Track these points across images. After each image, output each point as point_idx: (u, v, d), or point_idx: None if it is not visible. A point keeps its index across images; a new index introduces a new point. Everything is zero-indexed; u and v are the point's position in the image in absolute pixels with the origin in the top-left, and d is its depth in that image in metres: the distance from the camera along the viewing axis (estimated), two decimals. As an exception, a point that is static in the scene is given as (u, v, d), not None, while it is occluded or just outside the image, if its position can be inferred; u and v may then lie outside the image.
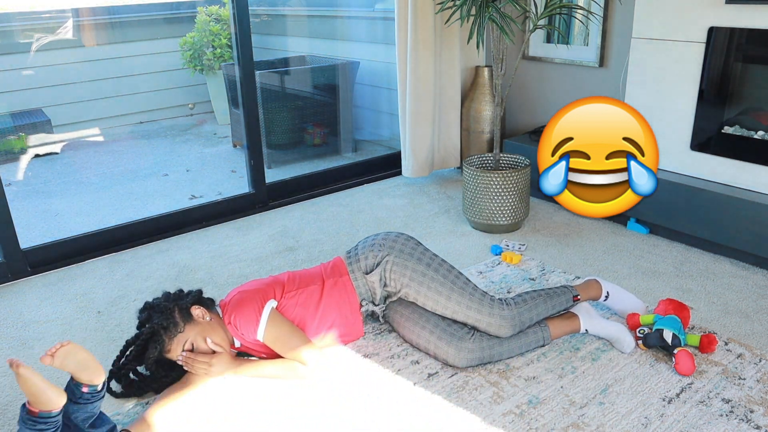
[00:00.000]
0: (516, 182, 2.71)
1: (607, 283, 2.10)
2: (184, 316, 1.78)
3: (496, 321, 1.84)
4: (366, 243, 1.99)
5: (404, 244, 1.94)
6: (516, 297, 1.94)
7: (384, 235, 1.99)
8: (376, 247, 1.94)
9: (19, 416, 1.41)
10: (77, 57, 4.77)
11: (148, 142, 4.72)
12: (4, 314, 2.29)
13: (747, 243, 2.38)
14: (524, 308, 1.89)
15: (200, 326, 1.78)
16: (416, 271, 1.88)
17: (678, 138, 2.61)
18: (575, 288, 2.04)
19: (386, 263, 1.90)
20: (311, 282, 1.91)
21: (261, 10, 4.82)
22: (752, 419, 1.62)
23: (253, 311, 1.79)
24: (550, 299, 1.95)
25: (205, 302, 1.87)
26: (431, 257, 1.93)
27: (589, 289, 2.07)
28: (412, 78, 3.20)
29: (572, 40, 3.15)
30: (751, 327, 2.04)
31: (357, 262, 1.94)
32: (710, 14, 2.39)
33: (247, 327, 1.78)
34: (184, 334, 1.76)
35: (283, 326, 1.80)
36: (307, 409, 1.71)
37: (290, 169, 3.97)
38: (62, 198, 3.58)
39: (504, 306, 1.87)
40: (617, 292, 2.09)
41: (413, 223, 2.95)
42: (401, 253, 1.91)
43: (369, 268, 1.92)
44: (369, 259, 1.92)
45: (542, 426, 1.62)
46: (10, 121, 4.34)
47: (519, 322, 1.86)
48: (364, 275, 1.92)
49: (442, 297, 1.86)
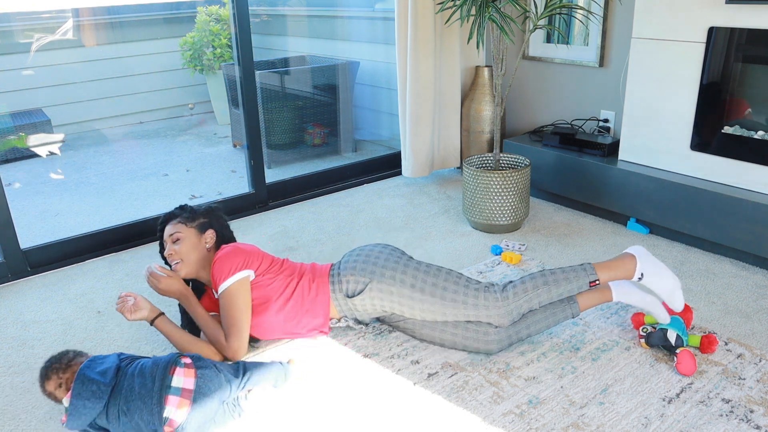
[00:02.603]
0: (516, 182, 2.72)
1: (645, 260, 1.87)
2: (202, 225, 1.98)
3: (494, 319, 1.85)
4: (348, 263, 1.97)
5: (384, 266, 1.91)
6: (517, 284, 1.87)
7: (365, 256, 1.96)
8: (357, 272, 1.93)
9: None
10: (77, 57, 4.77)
11: (148, 142, 4.72)
12: (4, 314, 2.29)
13: (747, 243, 2.38)
14: (523, 299, 1.85)
15: (198, 240, 1.95)
16: (403, 295, 1.89)
17: (678, 138, 2.61)
18: (596, 269, 1.87)
19: (370, 290, 1.91)
20: (293, 272, 1.98)
21: (261, 10, 4.83)
22: (752, 419, 1.62)
23: (231, 266, 1.86)
24: (557, 286, 1.85)
25: (227, 242, 2.03)
26: (413, 274, 1.89)
27: (618, 267, 1.87)
28: (412, 78, 3.20)
29: (572, 40, 3.15)
30: (751, 327, 2.04)
31: (339, 283, 1.95)
32: (710, 14, 2.39)
33: (218, 275, 1.86)
34: (186, 229, 1.95)
35: (240, 300, 1.85)
36: (307, 409, 1.71)
37: (290, 169, 3.97)
38: (62, 198, 3.58)
39: (500, 298, 1.84)
40: (655, 271, 1.84)
41: (413, 223, 2.95)
42: (383, 277, 1.90)
43: (351, 292, 1.94)
44: (351, 284, 1.93)
45: (542, 426, 1.62)
46: (10, 121, 4.34)
47: (517, 314, 1.85)
48: (345, 297, 1.94)
49: (437, 315, 1.88)
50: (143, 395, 1.51)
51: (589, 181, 2.87)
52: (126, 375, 1.56)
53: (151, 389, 1.52)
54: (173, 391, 1.52)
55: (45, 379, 1.58)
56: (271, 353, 1.96)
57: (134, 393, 1.52)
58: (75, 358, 1.60)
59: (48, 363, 1.60)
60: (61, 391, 1.57)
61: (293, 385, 1.81)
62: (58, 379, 1.57)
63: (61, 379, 1.57)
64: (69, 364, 1.59)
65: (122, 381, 1.55)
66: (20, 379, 1.91)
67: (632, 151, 2.78)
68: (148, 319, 1.85)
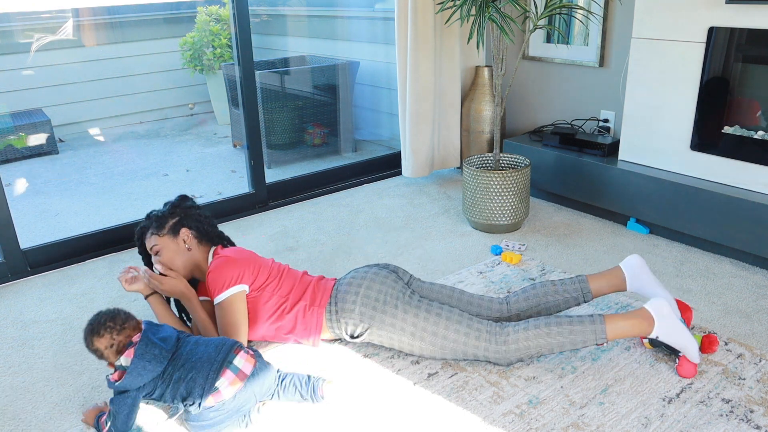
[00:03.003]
0: (516, 182, 2.72)
1: (662, 321, 1.76)
2: (173, 227, 1.94)
3: (501, 361, 1.82)
4: (347, 302, 1.88)
5: (384, 311, 1.84)
6: (520, 329, 1.79)
7: (363, 296, 1.86)
8: (356, 315, 1.86)
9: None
10: (77, 57, 4.78)
11: (148, 142, 4.72)
12: (4, 314, 2.29)
13: (747, 243, 2.38)
14: (523, 345, 1.78)
15: (176, 245, 1.93)
16: (402, 342, 1.86)
17: (678, 138, 2.61)
18: (606, 324, 1.74)
19: (370, 334, 1.88)
20: (289, 291, 1.93)
21: (261, 10, 4.83)
22: (752, 419, 1.62)
23: (225, 280, 1.84)
24: (559, 336, 1.75)
25: (207, 233, 1.99)
26: (413, 322, 1.82)
27: (633, 328, 1.76)
28: (412, 78, 3.20)
29: (572, 40, 3.15)
30: (751, 327, 2.04)
31: (338, 321, 1.89)
32: (710, 14, 2.39)
33: (212, 287, 1.85)
34: (160, 239, 1.92)
35: (235, 315, 1.84)
36: (307, 408, 1.71)
37: (290, 169, 3.97)
38: (62, 198, 3.58)
39: (500, 342, 1.79)
40: (671, 332, 1.76)
41: (413, 223, 2.95)
42: (383, 324, 1.84)
43: (351, 333, 1.90)
44: (350, 326, 1.88)
45: (542, 426, 1.62)
46: (10, 121, 4.34)
47: (517, 360, 1.81)
48: (345, 334, 1.90)
49: (436, 357, 1.87)
50: (204, 361, 1.58)
51: (589, 181, 2.87)
52: (187, 343, 1.64)
53: (214, 358, 1.59)
54: (233, 368, 1.59)
55: (96, 335, 1.61)
56: (271, 353, 1.95)
57: (196, 356, 1.59)
58: (127, 321, 1.64)
59: (101, 320, 1.62)
60: (111, 351, 1.60)
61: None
62: (111, 339, 1.60)
63: (114, 340, 1.61)
64: (123, 326, 1.63)
65: (182, 348, 1.62)
66: (20, 379, 1.91)
67: (632, 151, 2.78)
68: (144, 293, 1.89)
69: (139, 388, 1.56)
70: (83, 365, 1.96)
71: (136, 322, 1.65)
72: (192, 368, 1.57)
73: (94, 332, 1.61)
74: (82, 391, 1.83)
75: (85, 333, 1.63)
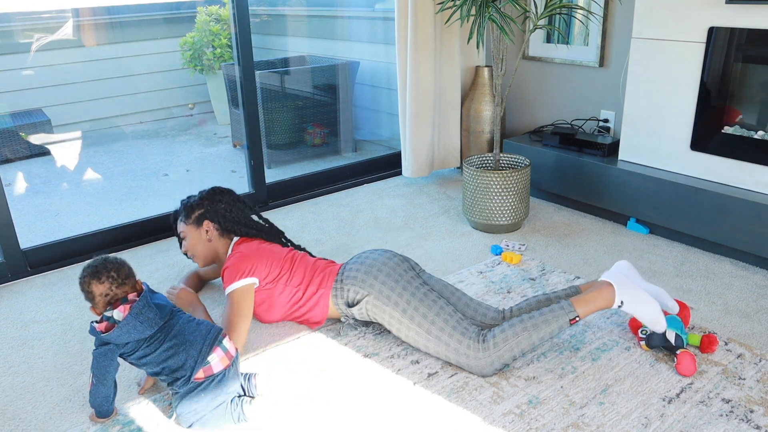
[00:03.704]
0: (516, 182, 2.72)
1: (623, 288, 1.85)
2: (198, 218, 2.13)
3: (475, 369, 1.81)
4: (352, 270, 2.01)
5: (384, 282, 1.93)
6: (498, 333, 1.80)
7: (368, 266, 1.98)
8: (359, 282, 1.96)
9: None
10: (77, 57, 4.77)
11: (148, 142, 4.72)
12: (4, 314, 2.29)
13: (747, 243, 2.38)
14: (504, 349, 1.78)
15: (199, 235, 2.13)
16: (393, 317, 1.91)
17: (678, 138, 2.61)
18: (575, 305, 1.82)
19: (366, 303, 1.95)
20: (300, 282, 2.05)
21: (261, 10, 4.82)
22: (752, 419, 1.62)
23: (237, 272, 1.96)
24: (537, 330, 1.79)
25: (230, 228, 2.13)
26: (408, 300, 1.88)
27: (596, 299, 1.84)
28: (412, 78, 3.20)
29: (572, 40, 3.15)
30: (751, 327, 2.04)
31: (341, 290, 2.00)
32: (710, 14, 2.39)
33: (226, 279, 1.97)
34: (186, 227, 2.14)
35: (242, 306, 1.93)
36: (307, 408, 1.71)
37: (290, 169, 3.97)
38: (62, 198, 3.58)
39: (480, 349, 1.79)
40: (634, 298, 1.84)
41: (413, 223, 2.95)
42: (380, 294, 1.92)
43: (351, 301, 1.99)
44: (351, 293, 1.98)
45: (542, 426, 1.62)
46: (10, 121, 4.34)
47: (499, 364, 1.80)
48: (346, 304, 2.01)
49: (420, 345, 1.89)
50: (197, 336, 1.62)
51: (589, 181, 2.87)
52: (180, 318, 1.66)
53: (206, 335, 1.63)
54: (222, 348, 1.64)
55: (96, 279, 1.58)
56: (271, 353, 1.96)
57: (189, 331, 1.62)
58: (129, 277, 1.63)
59: (107, 267, 1.60)
60: (103, 300, 1.59)
61: (293, 383, 1.81)
62: (109, 289, 1.59)
63: (112, 291, 1.59)
64: (124, 281, 1.61)
65: (175, 320, 1.64)
66: (20, 379, 1.91)
67: (632, 151, 2.78)
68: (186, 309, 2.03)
69: (122, 345, 1.57)
70: (83, 365, 1.96)
71: (136, 281, 1.65)
72: (185, 341, 1.60)
73: (95, 275, 1.58)
74: (82, 391, 1.83)
75: (85, 271, 1.59)
